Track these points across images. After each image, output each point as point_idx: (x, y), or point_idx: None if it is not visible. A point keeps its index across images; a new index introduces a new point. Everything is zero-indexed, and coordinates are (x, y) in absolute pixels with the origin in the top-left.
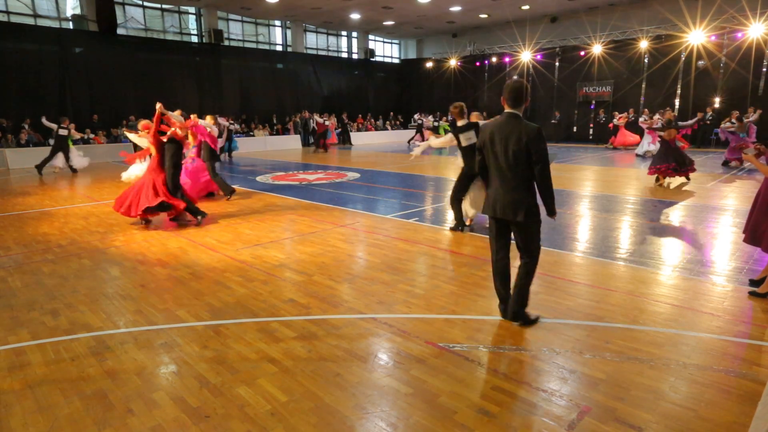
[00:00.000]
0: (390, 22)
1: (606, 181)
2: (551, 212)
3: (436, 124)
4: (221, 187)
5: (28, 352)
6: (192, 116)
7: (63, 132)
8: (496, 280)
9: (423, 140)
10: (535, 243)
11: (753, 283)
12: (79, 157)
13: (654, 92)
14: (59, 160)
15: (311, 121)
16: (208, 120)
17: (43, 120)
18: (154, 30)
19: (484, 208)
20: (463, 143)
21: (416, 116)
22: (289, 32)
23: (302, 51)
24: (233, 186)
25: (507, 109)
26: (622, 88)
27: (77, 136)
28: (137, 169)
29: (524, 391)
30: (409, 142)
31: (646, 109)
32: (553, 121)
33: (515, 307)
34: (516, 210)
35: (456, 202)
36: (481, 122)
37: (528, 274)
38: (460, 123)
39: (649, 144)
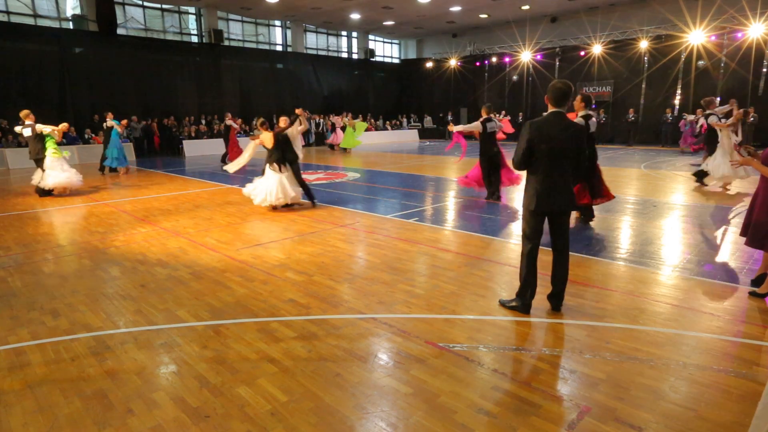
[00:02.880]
0: (390, 22)
1: (606, 182)
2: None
3: (345, 121)
4: None
5: (28, 352)
6: None
7: (26, 132)
8: (531, 276)
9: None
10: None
11: (754, 282)
12: (59, 172)
13: (654, 92)
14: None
15: (310, 121)
16: None
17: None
18: (154, 30)
19: (539, 204)
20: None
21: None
22: (289, 32)
23: (302, 51)
24: (234, 186)
25: (552, 108)
26: (622, 88)
27: (49, 131)
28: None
29: (524, 391)
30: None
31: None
32: None
33: (563, 295)
34: (572, 199)
35: None
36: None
37: (568, 262)
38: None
39: None
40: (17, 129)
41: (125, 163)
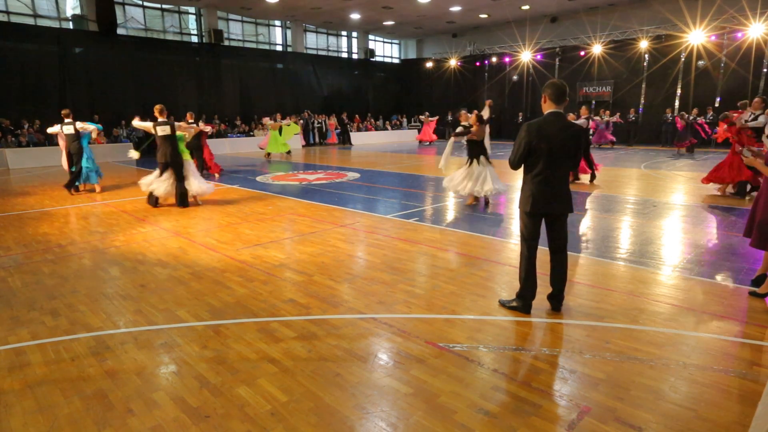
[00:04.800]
0: (390, 22)
1: (606, 181)
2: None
3: (288, 123)
4: None
5: (28, 352)
6: None
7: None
8: (531, 276)
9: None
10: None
11: (754, 282)
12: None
13: (654, 92)
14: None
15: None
16: None
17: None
18: (154, 30)
19: (534, 206)
20: (159, 134)
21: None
22: (289, 32)
23: (302, 51)
24: (234, 186)
25: (551, 108)
26: (622, 88)
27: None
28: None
29: (524, 391)
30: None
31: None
32: None
33: (563, 295)
34: (569, 202)
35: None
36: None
37: (566, 262)
38: (160, 118)
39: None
40: (146, 124)
41: (101, 176)
